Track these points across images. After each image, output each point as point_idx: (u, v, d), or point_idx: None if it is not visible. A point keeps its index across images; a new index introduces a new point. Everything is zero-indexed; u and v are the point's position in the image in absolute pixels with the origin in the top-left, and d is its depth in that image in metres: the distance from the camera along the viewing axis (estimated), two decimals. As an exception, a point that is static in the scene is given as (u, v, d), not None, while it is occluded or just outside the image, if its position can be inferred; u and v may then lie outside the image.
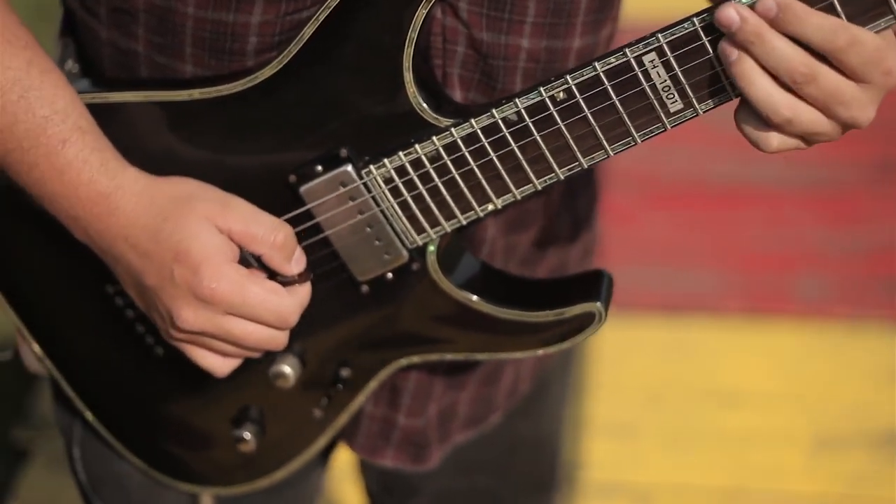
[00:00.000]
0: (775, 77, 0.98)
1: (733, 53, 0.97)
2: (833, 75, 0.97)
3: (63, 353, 1.27)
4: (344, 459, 1.49)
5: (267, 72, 1.08)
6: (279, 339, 1.12)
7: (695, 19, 0.98)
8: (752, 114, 1.00)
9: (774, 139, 1.01)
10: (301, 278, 1.10)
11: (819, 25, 0.95)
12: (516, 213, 1.22)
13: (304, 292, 1.11)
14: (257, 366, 1.20)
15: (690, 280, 2.95)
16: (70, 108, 1.08)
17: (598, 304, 1.13)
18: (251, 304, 1.08)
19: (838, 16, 0.96)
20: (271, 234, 1.08)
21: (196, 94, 1.10)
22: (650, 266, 2.95)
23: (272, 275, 1.10)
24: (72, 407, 1.32)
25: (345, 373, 1.22)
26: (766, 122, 1.00)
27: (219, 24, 1.09)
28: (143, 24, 1.12)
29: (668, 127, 1.03)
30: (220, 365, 1.13)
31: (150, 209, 1.08)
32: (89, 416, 1.30)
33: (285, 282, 1.10)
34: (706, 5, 1.02)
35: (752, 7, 0.96)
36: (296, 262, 1.10)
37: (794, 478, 2.50)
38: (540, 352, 1.17)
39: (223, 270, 1.07)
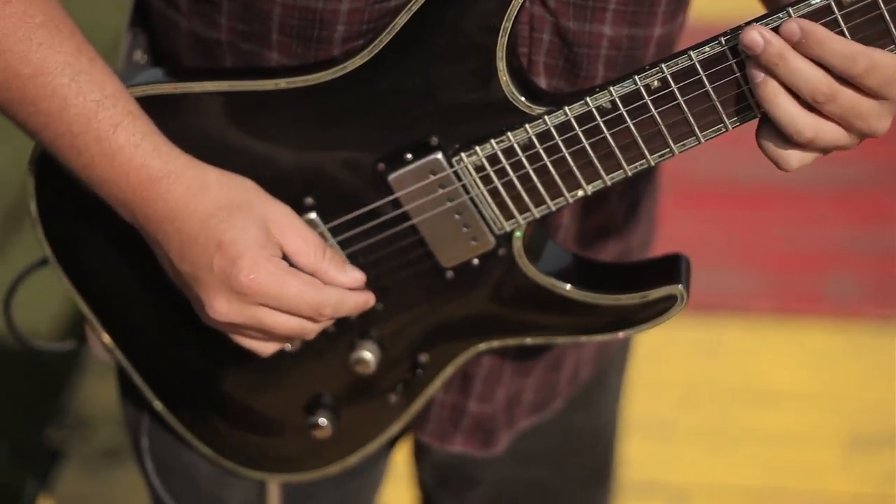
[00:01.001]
0: (797, 96, 1.01)
1: (759, 76, 1.01)
2: (851, 93, 1.00)
3: (133, 342, 1.28)
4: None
5: (357, 61, 1.09)
6: (311, 329, 1.13)
7: (790, 9, 0.99)
8: (773, 133, 1.04)
9: (794, 158, 1.05)
10: (353, 282, 1.14)
11: (839, 51, 0.99)
12: (588, 198, 1.24)
13: (342, 287, 1.13)
14: (333, 352, 1.21)
15: (720, 280, 2.96)
16: (119, 93, 1.08)
17: (680, 286, 1.14)
18: (288, 296, 1.09)
19: None
20: (322, 246, 1.11)
21: (282, 83, 1.10)
22: (681, 266, 2.95)
23: None
24: (140, 398, 1.32)
25: (423, 358, 1.23)
26: (788, 142, 1.03)
27: (307, 11, 1.09)
28: (227, 12, 1.13)
29: (759, 115, 1.05)
30: (262, 347, 1.15)
31: (202, 195, 1.08)
32: (158, 405, 1.30)
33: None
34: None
35: (775, 30, 0.99)
36: (351, 269, 1.13)
37: (828, 477, 2.51)
38: (620, 334, 1.18)
39: (262, 263, 1.07)
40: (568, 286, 1.16)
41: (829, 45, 0.98)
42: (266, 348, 1.15)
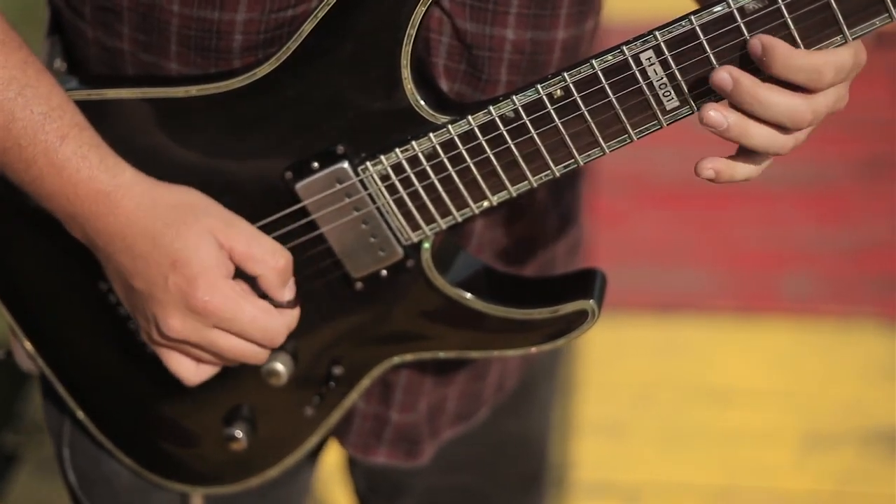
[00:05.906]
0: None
1: (723, 122, 1.00)
2: (823, 103, 0.99)
3: (55, 350, 1.27)
4: (332, 461, 1.48)
5: (265, 68, 1.08)
6: (262, 355, 1.13)
7: (692, 17, 0.98)
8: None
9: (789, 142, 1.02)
10: (290, 304, 1.11)
11: (803, 67, 0.97)
12: (503, 207, 1.22)
13: (292, 315, 1.12)
14: (248, 364, 1.20)
15: (680, 279, 2.95)
16: (66, 105, 1.08)
17: (592, 301, 1.13)
18: (241, 321, 1.08)
19: (833, 13, 0.96)
20: (272, 257, 1.09)
21: (193, 90, 1.10)
22: (640, 265, 2.96)
23: (262, 296, 1.11)
24: (62, 407, 1.31)
25: (337, 371, 1.22)
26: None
27: (204, 21, 1.09)
28: (128, 22, 1.12)
29: (665, 124, 1.03)
30: (193, 373, 1.14)
31: (151, 212, 1.07)
32: (80, 414, 1.29)
33: (276, 304, 1.11)
34: (693, 5, 1.02)
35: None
36: (289, 289, 1.11)
37: (784, 475, 2.51)
38: (533, 349, 1.17)
39: (218, 285, 1.07)
40: (477, 298, 1.14)
41: (794, 61, 0.97)
42: (194, 377, 1.14)
